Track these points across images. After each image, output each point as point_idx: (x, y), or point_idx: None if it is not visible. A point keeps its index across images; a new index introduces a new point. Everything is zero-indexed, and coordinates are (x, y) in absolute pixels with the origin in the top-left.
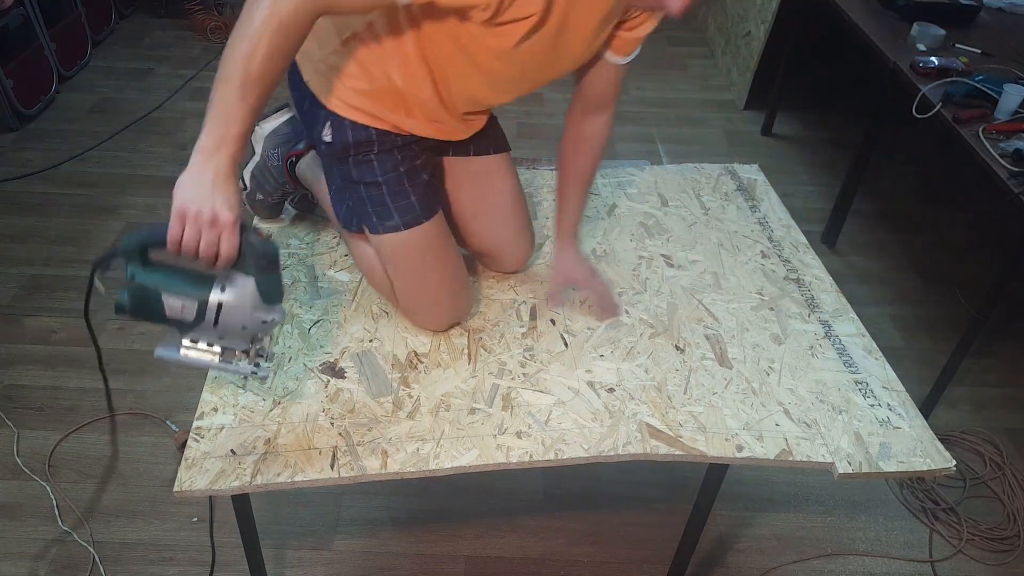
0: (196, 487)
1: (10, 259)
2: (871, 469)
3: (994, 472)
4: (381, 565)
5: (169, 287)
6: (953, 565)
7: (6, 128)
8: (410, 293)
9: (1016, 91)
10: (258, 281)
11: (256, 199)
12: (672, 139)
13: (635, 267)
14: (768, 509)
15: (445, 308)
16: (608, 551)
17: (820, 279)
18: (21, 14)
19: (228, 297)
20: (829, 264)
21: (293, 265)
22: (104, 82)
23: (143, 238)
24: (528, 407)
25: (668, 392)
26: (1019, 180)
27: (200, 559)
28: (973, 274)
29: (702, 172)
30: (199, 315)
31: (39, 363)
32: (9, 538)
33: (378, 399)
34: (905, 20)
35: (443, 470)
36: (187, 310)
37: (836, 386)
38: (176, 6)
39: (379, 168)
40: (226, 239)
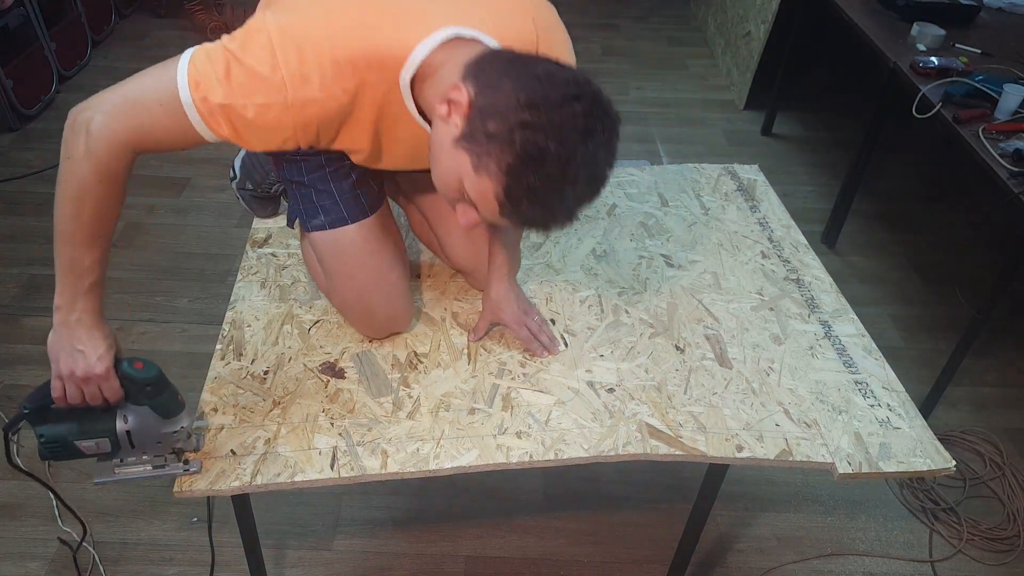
0: (196, 487)
1: (10, 259)
2: (871, 469)
3: (994, 472)
4: (381, 565)
5: (77, 435)
6: (953, 565)
7: (6, 128)
8: (337, 293)
9: (1016, 91)
10: (150, 406)
11: (246, 188)
12: (672, 139)
13: (635, 267)
14: (768, 509)
15: (375, 314)
16: (608, 551)
17: (820, 279)
18: (21, 14)
19: (132, 424)
20: (829, 264)
21: (293, 265)
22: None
23: (39, 400)
24: (528, 407)
25: (668, 392)
26: (1019, 180)
27: (200, 559)
28: (973, 274)
29: (702, 172)
30: (115, 446)
31: (39, 363)
32: (9, 538)
33: (378, 399)
34: (905, 20)
35: (443, 470)
36: (101, 445)
37: (836, 386)
38: (176, 6)
39: (304, 167)
40: (106, 387)
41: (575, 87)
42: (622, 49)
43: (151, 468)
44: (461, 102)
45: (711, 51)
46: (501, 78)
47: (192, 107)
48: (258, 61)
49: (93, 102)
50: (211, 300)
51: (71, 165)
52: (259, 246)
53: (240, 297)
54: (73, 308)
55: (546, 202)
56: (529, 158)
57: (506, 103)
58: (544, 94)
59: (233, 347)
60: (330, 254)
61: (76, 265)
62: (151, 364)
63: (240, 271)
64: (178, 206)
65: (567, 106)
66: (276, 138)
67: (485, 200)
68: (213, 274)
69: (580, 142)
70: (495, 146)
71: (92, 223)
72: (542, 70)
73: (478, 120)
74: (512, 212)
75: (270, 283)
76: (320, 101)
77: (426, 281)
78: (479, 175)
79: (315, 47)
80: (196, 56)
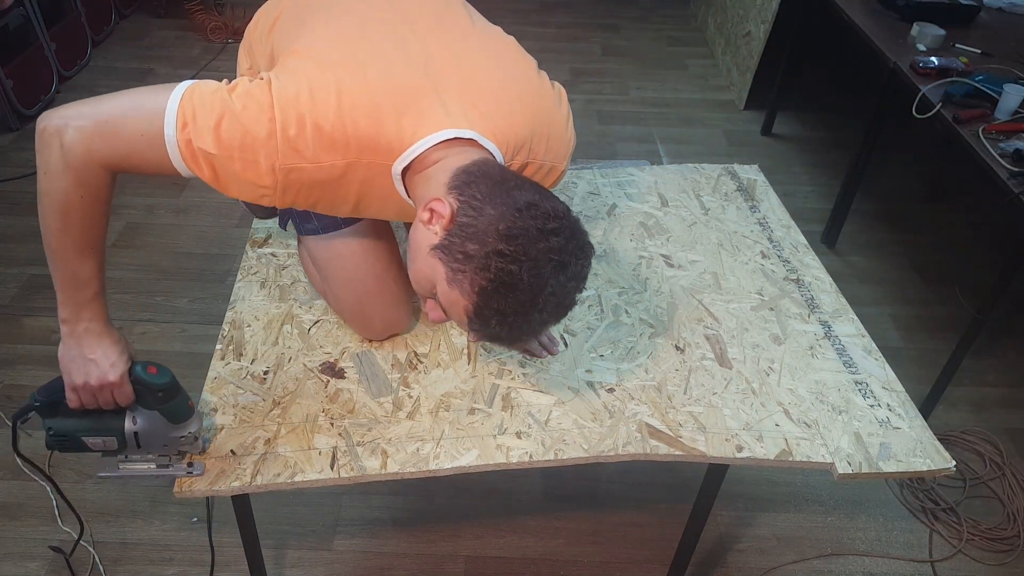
0: (196, 487)
1: (10, 259)
2: (871, 469)
3: (994, 472)
4: (381, 565)
5: (86, 431)
6: (953, 565)
7: (6, 128)
8: (333, 297)
9: (1016, 91)
10: (160, 411)
11: None
12: (672, 139)
13: (635, 267)
14: (768, 509)
15: (372, 317)
16: (608, 551)
17: (820, 279)
18: (21, 14)
19: (140, 426)
20: (829, 264)
21: (293, 265)
22: (104, 82)
23: (51, 394)
24: (528, 407)
25: (668, 392)
26: (1019, 180)
27: (200, 559)
28: (973, 274)
29: (702, 172)
30: (121, 445)
31: (39, 363)
32: (9, 538)
33: (378, 399)
34: (905, 20)
35: (443, 470)
36: (108, 443)
37: (836, 386)
38: (176, 6)
39: None
40: (118, 393)
41: (554, 221)
42: (622, 49)
43: (155, 467)
44: (443, 215)
45: (711, 51)
46: (484, 203)
47: (175, 145)
48: (255, 123)
49: (66, 113)
50: (211, 300)
51: (49, 180)
52: (259, 246)
53: (240, 297)
54: (79, 319)
55: (513, 325)
56: (502, 285)
57: (486, 229)
58: (523, 227)
59: (233, 347)
60: (325, 258)
61: (76, 278)
62: (165, 369)
63: (240, 271)
64: (178, 206)
65: (544, 240)
66: (254, 193)
67: (455, 310)
68: (213, 274)
69: (552, 275)
70: (471, 267)
71: (82, 236)
72: (524, 201)
73: (457, 238)
74: (480, 328)
75: (270, 283)
76: (307, 171)
77: None
78: (451, 288)
79: (315, 122)
80: (187, 97)
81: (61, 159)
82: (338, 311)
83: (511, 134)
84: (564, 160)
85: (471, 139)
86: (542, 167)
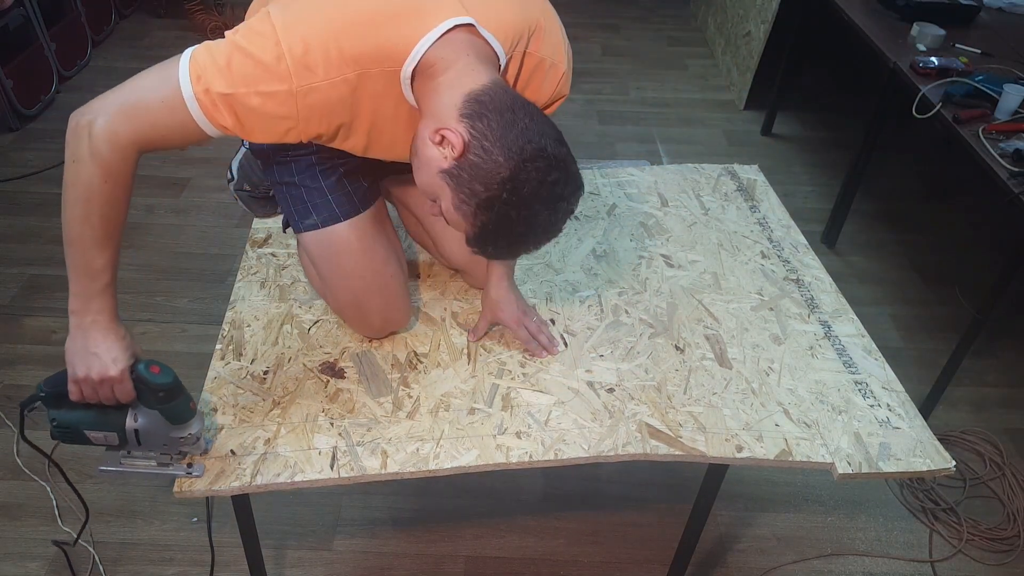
0: (196, 487)
1: (10, 259)
2: (871, 469)
3: (994, 472)
4: (381, 565)
5: (88, 425)
6: (953, 565)
7: (6, 128)
8: (332, 295)
9: (1016, 91)
10: (160, 411)
11: (243, 189)
12: (672, 139)
13: (635, 267)
14: (768, 509)
15: (371, 314)
16: (608, 551)
17: (820, 279)
18: (21, 14)
19: (141, 424)
20: (829, 264)
21: (293, 265)
22: (104, 82)
23: (56, 386)
24: (528, 407)
25: (668, 392)
26: (1019, 180)
27: (200, 559)
28: (973, 274)
29: (702, 172)
30: (122, 441)
31: (39, 363)
32: (9, 538)
33: (378, 399)
34: (905, 20)
35: (443, 470)
36: (109, 438)
37: (836, 386)
38: (176, 6)
39: (295, 167)
40: (119, 390)
41: (556, 171)
42: (622, 49)
43: (155, 465)
44: (455, 145)
45: (711, 51)
46: (494, 146)
47: (193, 100)
48: (262, 50)
49: (94, 105)
50: (211, 300)
51: (76, 168)
52: (259, 246)
53: (240, 297)
54: (87, 311)
55: (507, 251)
56: (500, 225)
57: (493, 174)
58: (526, 179)
59: (233, 347)
60: (324, 255)
61: (89, 267)
62: (168, 370)
63: (240, 271)
64: (178, 206)
65: (544, 190)
66: (279, 127)
67: (455, 225)
68: (213, 274)
69: (546, 211)
70: (474, 202)
71: (102, 224)
72: (531, 150)
73: (466, 173)
74: (477, 250)
75: (270, 283)
76: (323, 89)
77: (426, 281)
78: (455, 211)
79: (320, 39)
80: (197, 52)
81: (88, 146)
82: (337, 310)
83: (505, 21)
84: (564, 59)
85: (470, 25)
86: (543, 62)
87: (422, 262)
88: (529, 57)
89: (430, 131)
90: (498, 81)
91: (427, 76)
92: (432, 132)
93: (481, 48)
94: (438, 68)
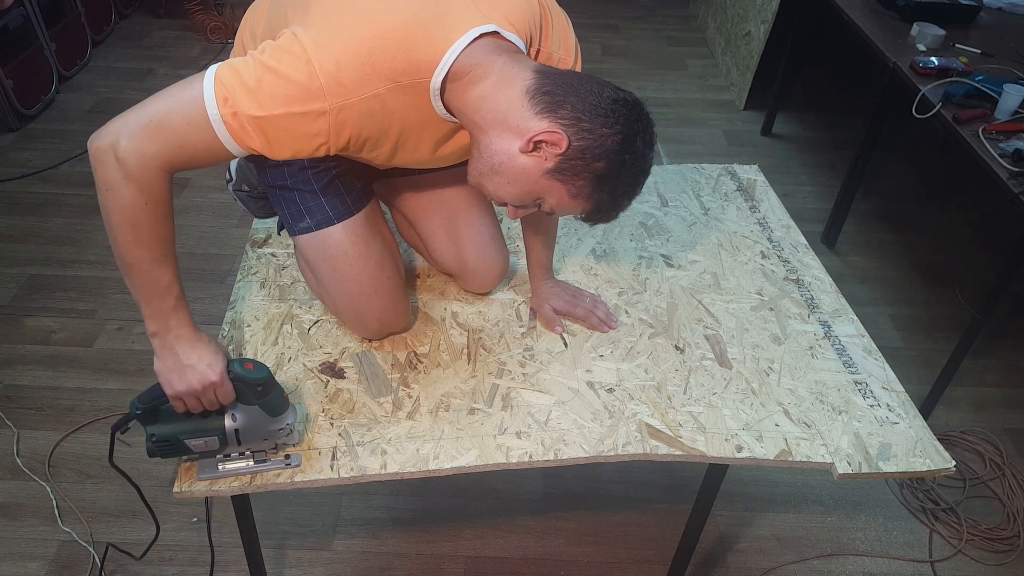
0: (196, 487)
1: (10, 259)
2: (871, 469)
3: (994, 472)
4: (381, 565)
5: (187, 434)
6: (953, 565)
7: (6, 128)
8: (329, 298)
9: (1016, 91)
10: (259, 405)
11: (242, 190)
12: (672, 139)
13: (635, 267)
14: (768, 509)
15: (369, 317)
16: (608, 551)
17: (820, 279)
18: (21, 14)
19: (240, 423)
20: (829, 264)
21: (293, 265)
22: (104, 82)
23: (150, 401)
24: (528, 407)
25: (668, 392)
26: (1019, 180)
27: (200, 559)
28: (973, 274)
29: (702, 172)
30: (222, 443)
31: (39, 363)
32: (9, 538)
33: (378, 399)
34: (905, 20)
35: (443, 470)
36: (210, 444)
37: (836, 386)
38: (176, 6)
39: (288, 171)
40: (220, 392)
41: (631, 100)
42: (622, 49)
43: (253, 463)
44: (557, 142)
45: (711, 51)
46: (591, 121)
47: (220, 122)
48: (293, 70)
49: (112, 127)
50: (211, 300)
51: (113, 196)
52: (259, 246)
53: (240, 297)
54: (168, 329)
55: (622, 206)
56: (621, 184)
57: (607, 144)
58: (631, 130)
59: (233, 347)
60: (319, 259)
61: (157, 287)
62: (261, 365)
63: (240, 271)
64: (178, 206)
65: (644, 124)
66: (311, 145)
67: (566, 214)
68: (213, 274)
69: (650, 150)
70: (593, 180)
71: (157, 243)
72: (616, 103)
73: (580, 160)
74: (598, 221)
75: (270, 283)
76: (356, 106)
77: (426, 281)
78: (574, 199)
79: (352, 56)
80: (222, 73)
81: (119, 171)
82: (334, 312)
83: (516, 16)
84: (571, 53)
85: (495, 32)
86: (551, 56)
87: (422, 262)
88: (540, 54)
89: (517, 145)
90: (539, 67)
91: (463, 85)
92: (523, 144)
93: (508, 47)
94: (475, 75)
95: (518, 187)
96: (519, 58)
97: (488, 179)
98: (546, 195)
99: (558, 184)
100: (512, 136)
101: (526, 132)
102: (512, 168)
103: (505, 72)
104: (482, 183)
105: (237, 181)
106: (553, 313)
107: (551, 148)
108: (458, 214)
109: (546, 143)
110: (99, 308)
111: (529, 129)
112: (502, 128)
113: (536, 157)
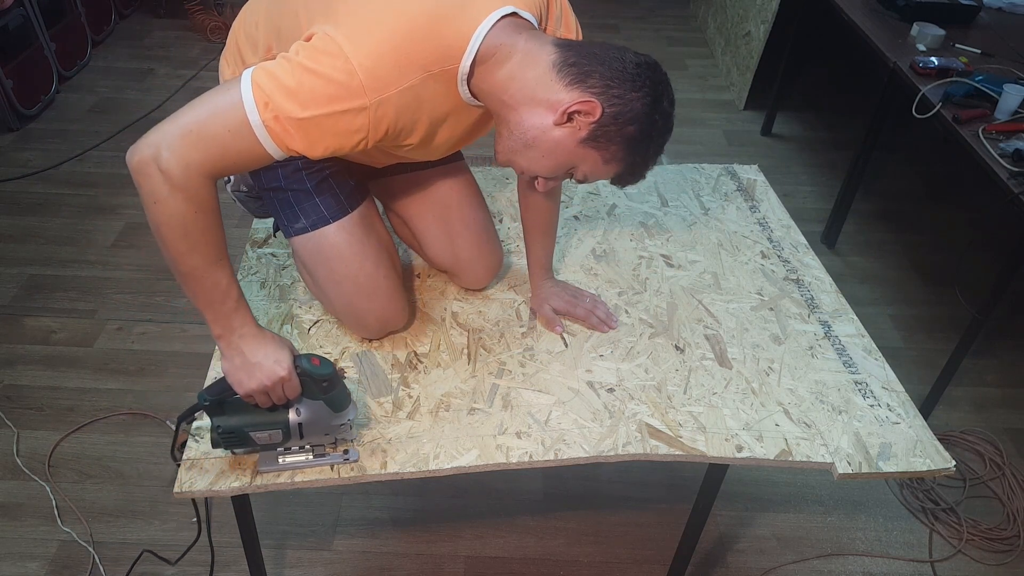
0: (196, 488)
1: (10, 259)
2: (871, 469)
3: (994, 472)
4: (381, 565)
5: (253, 426)
6: (953, 565)
7: (6, 128)
8: (327, 299)
9: (1016, 91)
10: (324, 400)
11: (240, 190)
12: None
13: (635, 267)
14: (768, 509)
15: (367, 316)
16: (608, 551)
17: (820, 279)
18: (21, 14)
19: (304, 417)
20: (829, 264)
21: (293, 265)
22: (104, 82)
23: (217, 394)
24: (528, 407)
25: (668, 392)
26: (1019, 180)
27: (200, 559)
28: (973, 274)
29: (702, 172)
30: (285, 436)
31: (39, 363)
32: (9, 538)
33: (378, 399)
34: (905, 20)
35: (443, 470)
36: (274, 436)
37: (836, 386)
38: (176, 6)
39: (281, 172)
40: (288, 387)
41: (650, 61)
42: None
43: (312, 457)
44: (590, 111)
45: (711, 51)
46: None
47: (262, 127)
48: (332, 69)
49: (151, 138)
50: None
51: (162, 208)
52: (259, 246)
53: None
54: (232, 330)
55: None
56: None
57: (637, 108)
58: (656, 93)
59: None
60: (315, 260)
61: (217, 290)
62: (327, 361)
63: (240, 271)
64: None
65: (666, 83)
66: (350, 141)
67: (603, 176)
68: None
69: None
70: (626, 144)
71: (209, 250)
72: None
73: (613, 126)
74: (628, 182)
75: (270, 283)
76: (394, 99)
77: (426, 281)
78: (605, 165)
79: (387, 49)
80: (258, 77)
81: (164, 183)
82: (333, 313)
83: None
84: (572, 32)
85: (513, 13)
86: (556, 34)
87: (421, 262)
88: (546, 32)
89: (551, 118)
90: (559, 41)
91: (489, 67)
92: (557, 117)
93: (525, 25)
94: (500, 56)
95: (553, 159)
96: (537, 35)
97: (520, 155)
98: (579, 163)
99: (592, 152)
100: (544, 110)
101: (559, 104)
102: (547, 141)
103: (528, 50)
104: (513, 160)
105: (235, 182)
106: (553, 313)
107: (584, 117)
108: (451, 210)
109: (580, 113)
110: (99, 308)
111: (561, 101)
112: (532, 104)
113: (570, 128)
